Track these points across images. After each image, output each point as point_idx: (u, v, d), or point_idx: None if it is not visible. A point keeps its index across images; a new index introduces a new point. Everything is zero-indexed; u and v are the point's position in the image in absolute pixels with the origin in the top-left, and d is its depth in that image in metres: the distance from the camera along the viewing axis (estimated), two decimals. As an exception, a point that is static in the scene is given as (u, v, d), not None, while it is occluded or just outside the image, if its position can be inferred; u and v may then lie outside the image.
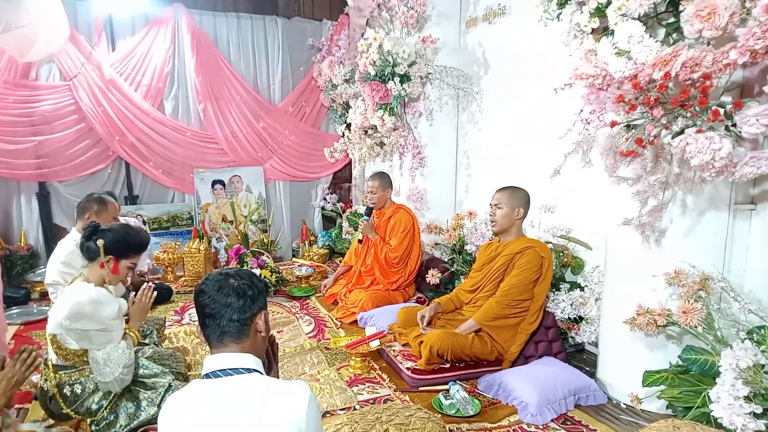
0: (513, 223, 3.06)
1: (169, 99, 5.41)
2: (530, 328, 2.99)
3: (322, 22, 6.02)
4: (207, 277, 1.46)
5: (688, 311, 2.28)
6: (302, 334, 3.70)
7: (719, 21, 1.87)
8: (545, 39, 3.08)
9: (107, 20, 5.04)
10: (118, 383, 2.25)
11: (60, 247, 3.17)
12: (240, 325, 1.40)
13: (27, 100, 4.76)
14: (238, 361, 1.36)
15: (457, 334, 2.96)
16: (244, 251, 4.63)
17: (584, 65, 2.30)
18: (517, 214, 3.04)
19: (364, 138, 4.94)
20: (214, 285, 1.42)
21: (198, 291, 1.44)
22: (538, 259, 2.96)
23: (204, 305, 1.41)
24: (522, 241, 3.07)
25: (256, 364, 1.39)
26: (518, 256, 3.00)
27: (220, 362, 1.36)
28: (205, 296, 1.41)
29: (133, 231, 2.44)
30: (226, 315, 1.39)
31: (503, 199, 3.05)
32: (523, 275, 2.94)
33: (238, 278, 1.44)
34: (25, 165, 4.80)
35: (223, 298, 1.39)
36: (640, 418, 2.56)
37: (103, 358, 2.21)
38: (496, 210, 3.07)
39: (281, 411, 1.26)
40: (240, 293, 1.41)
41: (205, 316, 1.41)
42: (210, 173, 5.69)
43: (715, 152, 1.93)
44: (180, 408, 1.31)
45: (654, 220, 2.39)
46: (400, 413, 2.08)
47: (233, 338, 1.40)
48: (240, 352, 1.39)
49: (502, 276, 3.06)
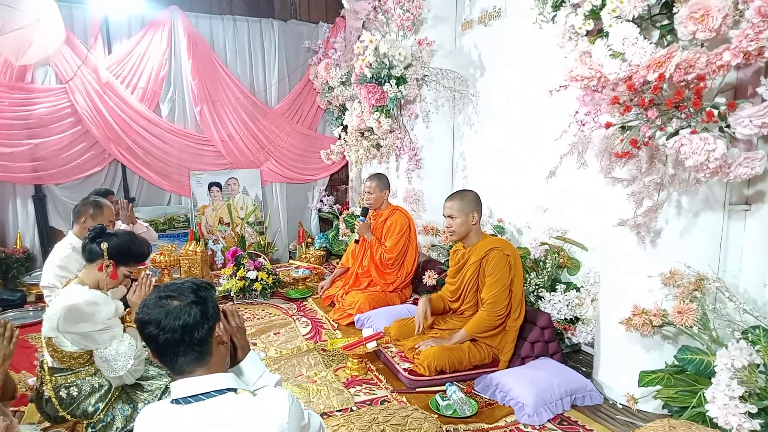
0: (470, 228, 3.06)
1: (166, 102, 5.41)
2: (516, 324, 3.00)
3: (318, 25, 6.04)
4: (144, 304, 1.29)
5: (684, 311, 2.29)
6: (299, 335, 3.70)
7: (713, 23, 1.88)
8: (540, 41, 3.11)
9: (103, 23, 5.04)
10: (131, 375, 2.27)
11: (56, 250, 3.16)
12: (200, 347, 1.29)
13: (23, 102, 4.76)
14: (209, 384, 1.27)
15: (452, 348, 2.97)
16: (240, 253, 4.62)
17: (579, 67, 2.31)
18: (472, 219, 3.04)
19: (361, 140, 4.95)
20: (158, 312, 1.26)
21: (141, 322, 1.28)
22: (504, 259, 2.96)
23: (153, 336, 1.26)
24: (484, 244, 3.05)
25: (228, 382, 1.30)
26: (484, 261, 3.00)
27: (189, 388, 1.26)
28: (152, 326, 1.26)
29: (138, 241, 2.46)
30: (184, 341, 1.26)
31: (455, 209, 3.03)
32: (500, 281, 2.94)
33: (181, 297, 1.30)
34: (21, 168, 4.80)
35: (172, 323, 1.25)
36: (637, 418, 2.57)
37: (112, 355, 2.22)
38: (451, 221, 3.05)
39: (261, 428, 1.22)
40: (190, 313, 1.27)
41: (159, 346, 1.27)
42: (207, 175, 5.69)
43: (709, 153, 1.94)
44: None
45: (649, 220, 2.40)
46: (397, 414, 2.09)
47: (197, 363, 1.29)
48: (208, 374, 1.29)
49: (476, 283, 3.07)
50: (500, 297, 2.93)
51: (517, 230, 3.94)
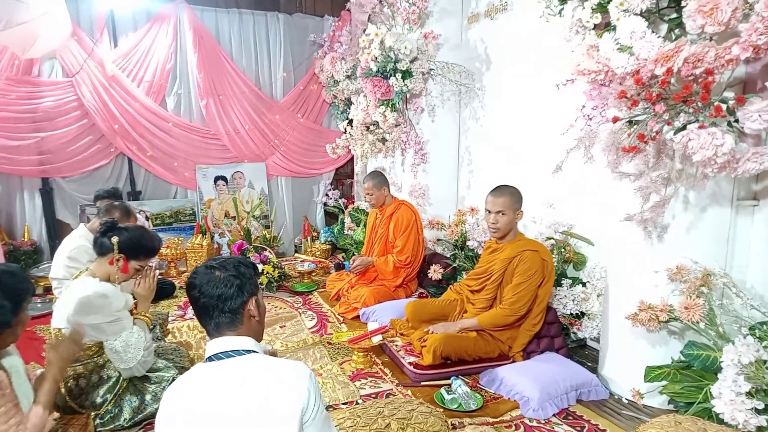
0: (513, 225, 3.02)
1: (172, 95, 5.43)
2: (533, 329, 2.99)
3: (323, 18, 6.02)
4: (195, 271, 1.49)
5: (690, 307, 2.28)
6: (305, 329, 3.72)
7: (722, 16, 1.87)
8: (547, 35, 3.09)
9: (109, 16, 5.04)
10: (141, 366, 2.30)
11: (66, 242, 3.18)
12: (232, 315, 1.44)
13: (30, 96, 4.77)
14: (238, 344, 1.42)
15: (460, 337, 2.97)
16: (246, 247, 4.65)
17: (586, 61, 2.30)
18: (518, 215, 2.99)
19: (366, 134, 4.94)
20: (202, 278, 1.45)
21: (188, 285, 1.48)
22: (540, 263, 2.91)
23: (195, 299, 1.45)
24: (522, 243, 3.00)
25: (255, 346, 1.45)
26: (517, 260, 2.95)
27: (221, 345, 1.41)
28: (195, 290, 1.45)
29: (149, 235, 2.49)
30: (218, 307, 1.43)
31: (506, 205, 2.93)
32: (528, 283, 2.89)
33: (224, 270, 1.47)
34: (27, 161, 4.82)
35: (211, 290, 1.43)
36: (642, 413, 2.57)
37: (122, 346, 2.25)
38: (500, 217, 2.95)
39: (284, 388, 1.31)
40: (228, 284, 1.44)
41: (199, 308, 1.46)
42: (212, 169, 5.70)
43: (717, 148, 1.93)
44: (185, 389, 1.36)
45: (656, 215, 2.39)
46: (402, 408, 2.09)
47: (228, 327, 1.44)
48: (237, 336, 1.44)
49: (501, 278, 3.02)
50: (523, 298, 2.91)
51: (523, 225, 3.93)
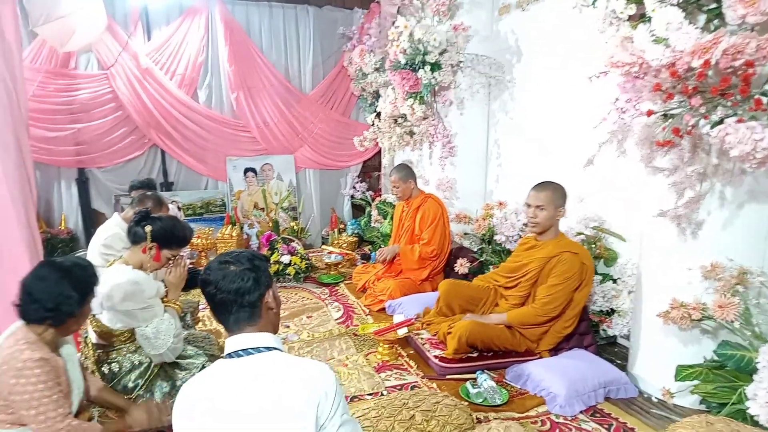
0: (554, 222, 2.94)
1: (203, 88, 5.50)
2: (564, 332, 2.94)
3: (353, 11, 6.02)
4: (208, 266, 1.47)
5: (725, 306, 2.23)
6: (331, 320, 3.75)
7: (765, 6, 1.80)
8: (580, 26, 3.03)
9: (143, 10, 5.14)
10: (171, 352, 2.35)
11: (101, 231, 3.29)
12: (251, 309, 1.43)
13: (67, 88, 4.91)
14: (258, 341, 1.40)
15: (486, 325, 2.94)
16: (275, 238, 4.70)
17: (620, 53, 2.25)
18: (560, 213, 2.91)
19: (394, 127, 4.93)
20: (217, 274, 1.43)
21: (203, 281, 1.46)
22: (578, 267, 2.82)
23: (212, 295, 1.43)
24: (562, 243, 2.92)
25: (275, 342, 1.43)
26: (555, 260, 2.86)
27: (241, 342, 1.40)
28: (211, 286, 1.43)
29: (180, 225, 2.54)
30: (237, 302, 1.41)
31: (547, 200, 2.86)
32: (563, 285, 2.82)
33: (239, 264, 1.45)
34: (64, 152, 4.97)
35: (228, 285, 1.41)
36: (672, 412, 2.52)
37: (153, 333, 2.30)
38: (539, 212, 2.88)
39: (298, 383, 1.30)
40: (244, 278, 1.42)
41: (216, 304, 1.44)
42: (242, 161, 5.78)
43: (756, 143, 1.87)
44: (203, 384, 1.36)
45: (690, 212, 2.34)
46: (427, 400, 2.10)
47: (247, 322, 1.43)
48: (257, 332, 1.43)
49: (537, 277, 2.95)
50: (557, 299, 2.84)
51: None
